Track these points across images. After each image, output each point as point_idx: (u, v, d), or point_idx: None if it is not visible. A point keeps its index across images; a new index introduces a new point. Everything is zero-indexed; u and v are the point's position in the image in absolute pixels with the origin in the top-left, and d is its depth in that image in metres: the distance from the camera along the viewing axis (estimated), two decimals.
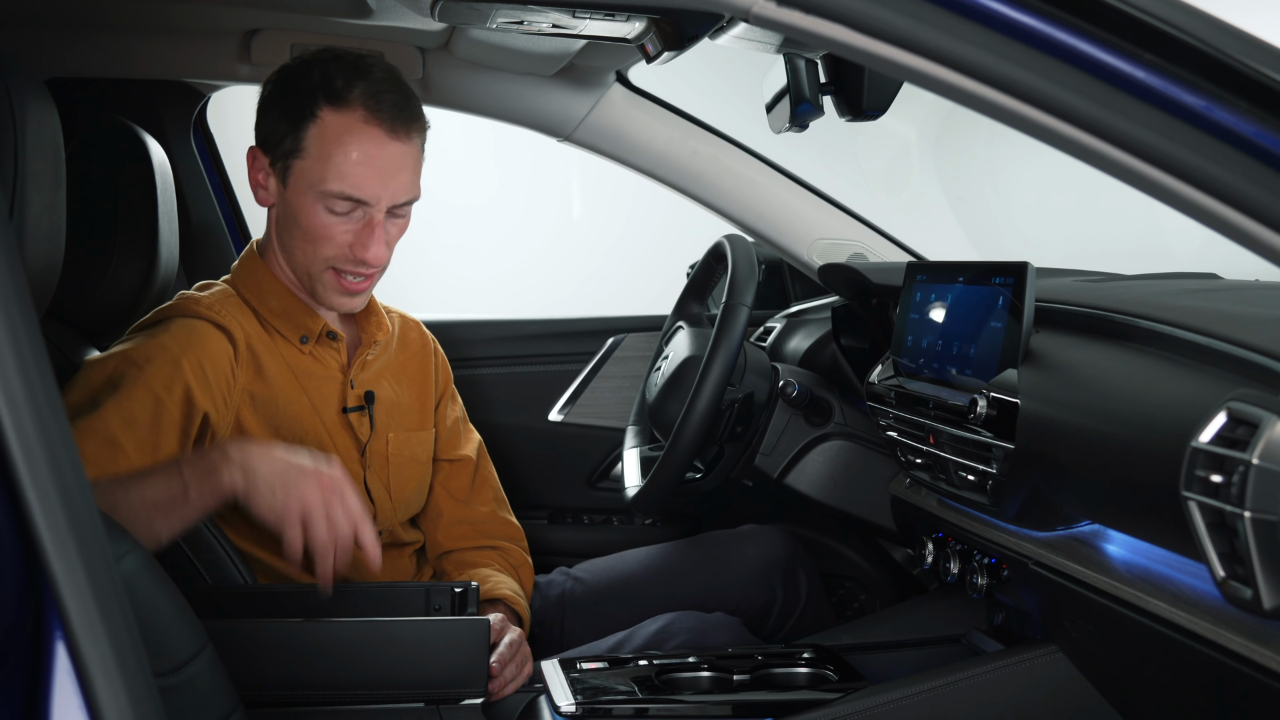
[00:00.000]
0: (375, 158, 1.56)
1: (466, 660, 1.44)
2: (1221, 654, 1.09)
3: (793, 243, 2.32)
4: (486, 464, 1.95)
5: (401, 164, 1.58)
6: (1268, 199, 0.86)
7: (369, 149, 1.55)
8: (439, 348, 1.92)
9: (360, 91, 1.55)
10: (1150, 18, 0.87)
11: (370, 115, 1.55)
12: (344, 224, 1.59)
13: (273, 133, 1.60)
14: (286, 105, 1.58)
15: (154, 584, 1.16)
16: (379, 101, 1.56)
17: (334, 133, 1.55)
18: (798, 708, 1.48)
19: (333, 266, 1.62)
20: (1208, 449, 0.95)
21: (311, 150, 1.56)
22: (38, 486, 0.72)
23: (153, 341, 1.55)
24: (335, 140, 1.55)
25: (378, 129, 1.55)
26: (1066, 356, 1.34)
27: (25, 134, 1.09)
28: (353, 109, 1.55)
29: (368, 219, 1.59)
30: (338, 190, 1.56)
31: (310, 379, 1.68)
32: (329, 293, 1.64)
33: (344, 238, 1.59)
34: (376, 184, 1.56)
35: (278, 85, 1.61)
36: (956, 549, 1.64)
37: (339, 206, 1.57)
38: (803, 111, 1.55)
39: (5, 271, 0.74)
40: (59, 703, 0.73)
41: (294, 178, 1.59)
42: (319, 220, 1.58)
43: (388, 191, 1.58)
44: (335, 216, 1.58)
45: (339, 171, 1.55)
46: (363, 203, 1.57)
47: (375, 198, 1.57)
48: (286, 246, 1.65)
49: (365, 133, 1.55)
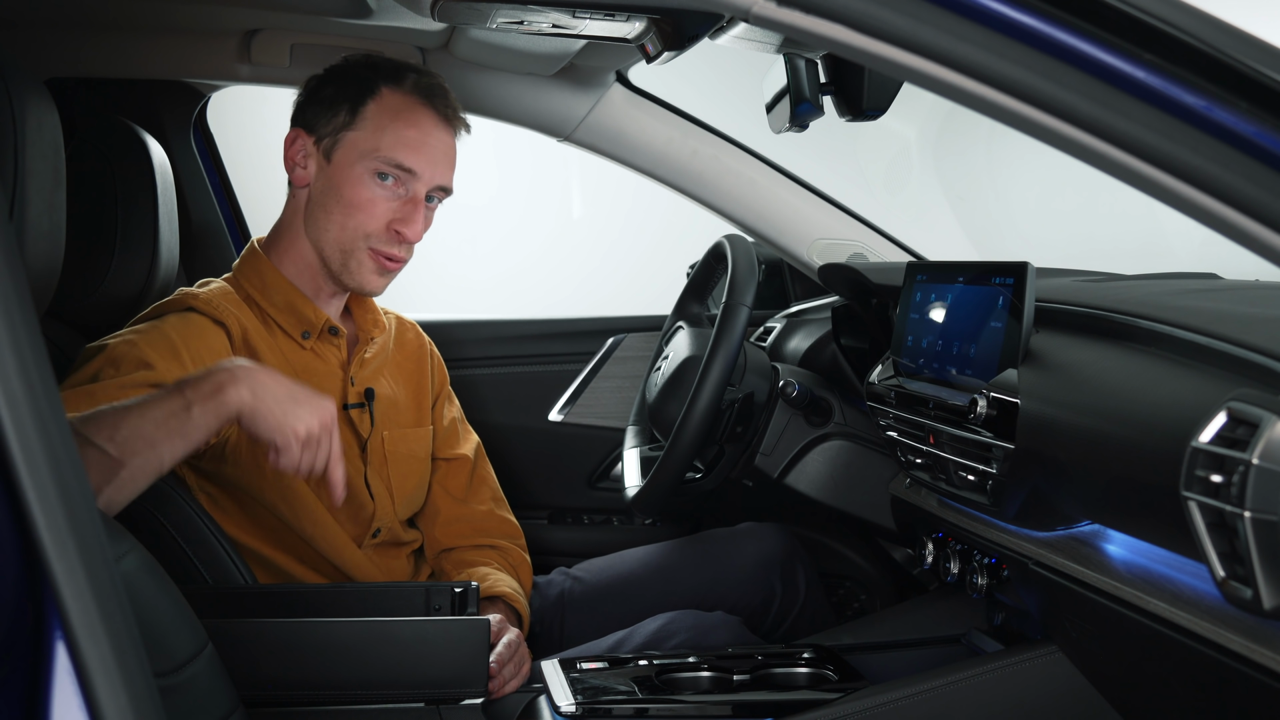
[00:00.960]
0: (429, 135, 1.67)
1: (466, 660, 1.44)
2: (1221, 654, 1.09)
3: (793, 243, 2.32)
4: (484, 464, 1.95)
5: (447, 149, 1.71)
6: (1268, 199, 0.86)
7: (425, 126, 1.67)
8: (435, 349, 1.93)
9: (415, 80, 1.69)
10: (1150, 18, 0.87)
11: (426, 101, 1.68)
12: (388, 199, 1.66)
13: (322, 113, 1.68)
14: (343, 85, 1.68)
15: (154, 584, 1.16)
16: (432, 91, 1.69)
17: (393, 107, 1.66)
18: (798, 708, 1.48)
19: (370, 246, 1.66)
20: (1208, 449, 0.95)
21: (369, 122, 1.66)
22: (38, 486, 0.72)
23: (154, 331, 1.56)
24: (394, 114, 1.66)
25: (433, 112, 1.69)
26: (1066, 356, 1.34)
27: (25, 134, 1.09)
28: (410, 92, 1.68)
29: (411, 195, 1.67)
30: (391, 157, 1.64)
31: (310, 375, 1.68)
32: (363, 270, 1.68)
33: (385, 214, 1.66)
34: (425, 160, 1.66)
35: (329, 74, 1.71)
36: (956, 549, 1.64)
37: (389, 176, 1.65)
38: (803, 111, 1.55)
39: (5, 271, 0.74)
40: (59, 703, 0.73)
41: (343, 149, 1.66)
42: (365, 192, 1.65)
43: (434, 170, 1.68)
44: (381, 190, 1.65)
45: (395, 140, 1.64)
46: (411, 173, 1.66)
47: (424, 172, 1.67)
48: (320, 225, 1.67)
49: (422, 112, 1.68)
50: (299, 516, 1.66)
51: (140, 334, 1.54)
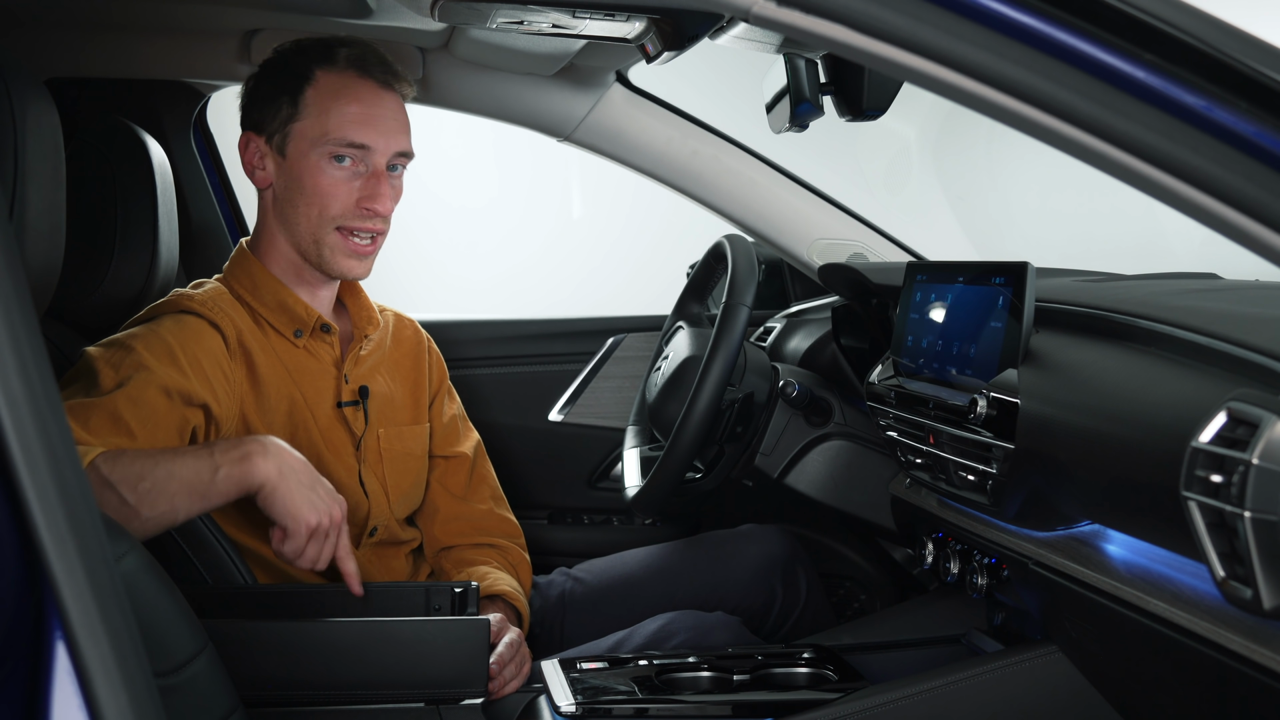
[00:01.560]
0: (372, 106, 1.65)
1: (466, 660, 1.44)
2: (1221, 654, 1.09)
3: (793, 243, 2.32)
4: (484, 462, 1.95)
5: (395, 114, 1.68)
6: (1268, 199, 0.86)
7: (367, 99, 1.65)
8: (433, 345, 1.92)
9: (346, 54, 1.67)
10: (1150, 18, 0.87)
11: (361, 72, 1.66)
12: (348, 179, 1.65)
13: (265, 110, 1.67)
14: (279, 80, 1.67)
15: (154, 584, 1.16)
16: (365, 59, 1.67)
17: (330, 89, 1.64)
18: (798, 708, 1.48)
19: (339, 226, 1.66)
20: (1208, 449, 0.95)
21: (311, 109, 1.64)
22: (38, 486, 0.72)
23: (150, 334, 1.55)
24: (333, 95, 1.64)
25: (370, 81, 1.66)
26: (1066, 356, 1.34)
27: (25, 134, 1.09)
28: (343, 69, 1.66)
29: (371, 169, 1.66)
30: (341, 137, 1.63)
31: (304, 374, 1.68)
32: (336, 256, 1.67)
33: (349, 194, 1.65)
34: (375, 131, 1.65)
35: (264, 71, 1.70)
36: (956, 549, 1.64)
37: (344, 155, 1.64)
38: (803, 111, 1.55)
39: (5, 271, 0.74)
40: (59, 703, 0.73)
41: (294, 141, 1.65)
42: (324, 178, 1.64)
43: (387, 140, 1.65)
44: (340, 171, 1.65)
45: (340, 120, 1.63)
46: (365, 148, 1.64)
47: (377, 144, 1.65)
48: (289, 219, 1.67)
49: (359, 84, 1.66)
50: None
51: (137, 338, 1.54)
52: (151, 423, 1.47)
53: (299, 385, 1.67)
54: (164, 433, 1.49)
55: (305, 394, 1.67)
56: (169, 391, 1.50)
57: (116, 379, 1.48)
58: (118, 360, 1.50)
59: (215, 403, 1.55)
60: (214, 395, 1.55)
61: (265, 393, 1.63)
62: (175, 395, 1.50)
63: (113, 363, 1.50)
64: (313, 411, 1.67)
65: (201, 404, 1.53)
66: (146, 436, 1.46)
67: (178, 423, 1.51)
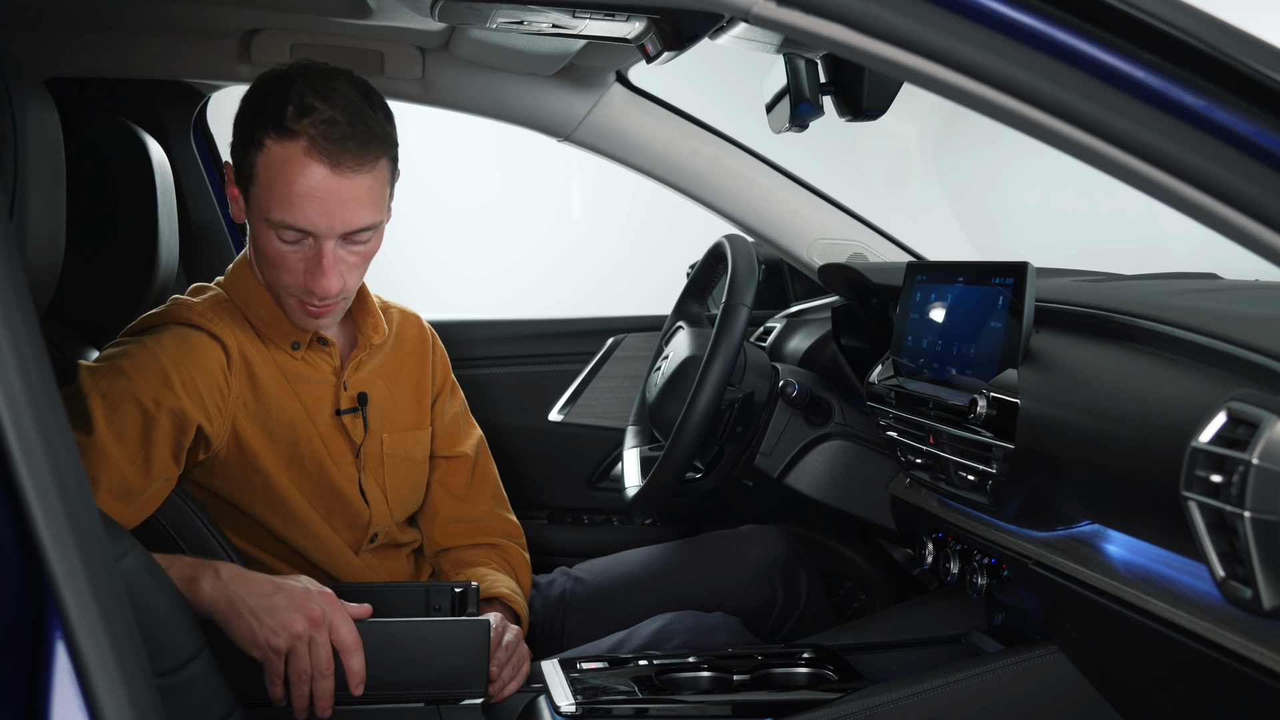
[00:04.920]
0: (318, 190, 1.50)
1: (466, 661, 1.44)
2: (1221, 654, 1.09)
3: (793, 243, 2.32)
4: (486, 462, 1.94)
5: (347, 197, 1.51)
6: (1268, 199, 0.86)
7: (311, 182, 1.50)
8: (438, 341, 1.91)
9: (309, 122, 1.49)
10: (1150, 18, 0.87)
11: (313, 148, 1.49)
12: (296, 253, 1.55)
13: (235, 153, 1.58)
14: (244, 128, 1.55)
15: (154, 584, 1.16)
16: (329, 133, 1.49)
17: (278, 164, 1.50)
18: (798, 708, 1.48)
19: (293, 295, 1.60)
20: (1208, 449, 0.95)
21: (259, 178, 1.53)
22: (38, 486, 0.72)
23: (144, 352, 1.54)
24: (279, 171, 1.50)
25: (320, 164, 1.49)
26: (1066, 356, 1.34)
27: (25, 134, 1.09)
28: (296, 140, 1.49)
29: (317, 249, 1.54)
30: (279, 220, 1.52)
31: (303, 383, 1.67)
32: (294, 315, 1.63)
33: (297, 266, 1.56)
34: (319, 216, 1.51)
35: (245, 103, 1.58)
36: (956, 549, 1.64)
37: (287, 235, 1.54)
38: (803, 111, 1.55)
39: (5, 271, 0.74)
40: (59, 703, 0.73)
41: (251, 203, 1.57)
42: (273, 247, 1.56)
43: (334, 222, 1.52)
44: (286, 245, 1.54)
45: (281, 201, 1.51)
46: (308, 233, 1.53)
47: (319, 229, 1.52)
48: (257, 265, 1.64)
49: (306, 166, 1.49)
50: (292, 529, 1.65)
51: (130, 358, 1.53)
52: (139, 452, 1.49)
53: (298, 394, 1.66)
54: (158, 455, 1.50)
55: (305, 403, 1.67)
56: (158, 415, 1.50)
57: (105, 406, 1.49)
58: (109, 391, 1.50)
59: (207, 422, 1.56)
60: (206, 415, 1.55)
61: (267, 403, 1.63)
62: (164, 417, 1.51)
63: (101, 389, 1.50)
64: (313, 420, 1.67)
65: (193, 423, 1.54)
66: (135, 464, 1.48)
67: (169, 444, 1.52)
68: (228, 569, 1.38)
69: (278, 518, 1.64)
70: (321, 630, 1.36)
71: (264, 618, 1.34)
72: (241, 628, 1.34)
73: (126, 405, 1.49)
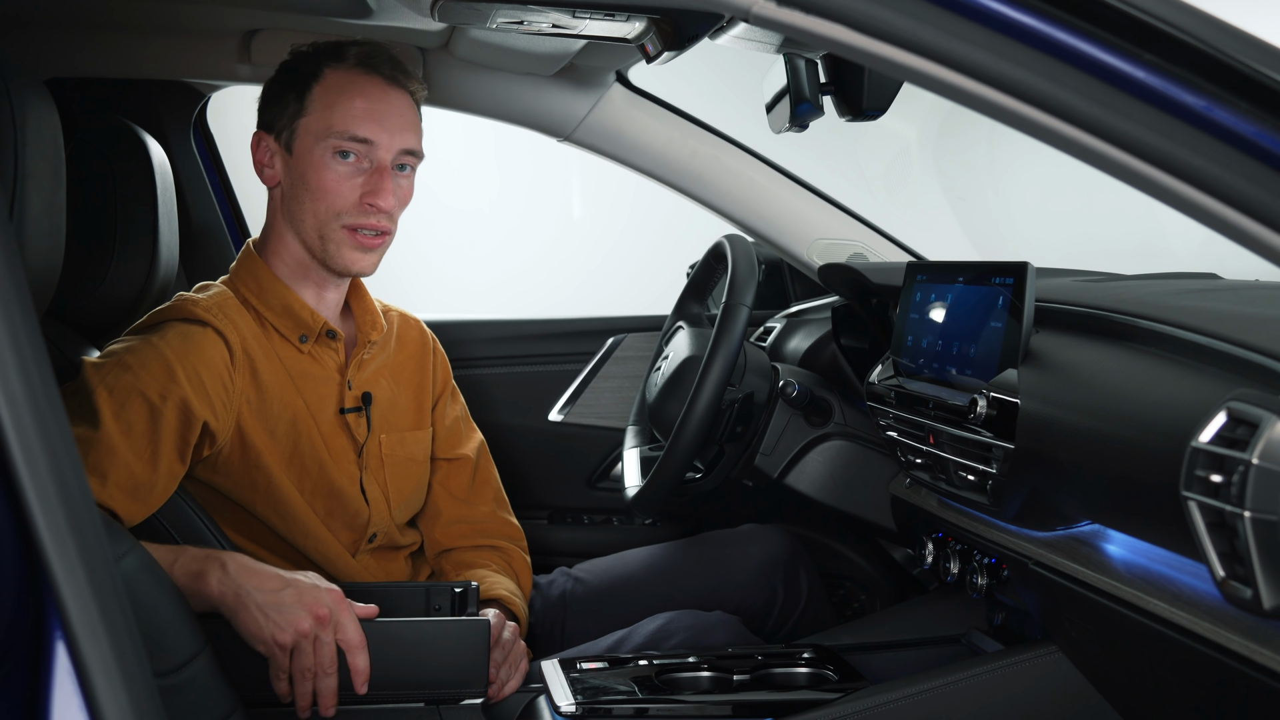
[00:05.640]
0: (378, 102, 1.64)
1: (466, 660, 1.44)
2: (1221, 654, 1.09)
3: (793, 243, 2.32)
4: (488, 465, 1.94)
5: (402, 111, 1.67)
6: (1268, 199, 0.86)
7: (371, 93, 1.64)
8: (439, 345, 1.92)
9: (356, 51, 1.66)
10: (1150, 18, 0.87)
11: (367, 69, 1.66)
12: (354, 175, 1.64)
13: (276, 107, 1.68)
14: (290, 79, 1.68)
15: (154, 584, 1.16)
16: (375, 57, 1.66)
17: (336, 84, 1.64)
18: (798, 708, 1.48)
19: (344, 224, 1.65)
20: (1208, 449, 0.95)
21: (317, 104, 1.64)
22: (38, 486, 0.72)
23: (148, 348, 1.55)
24: (339, 90, 1.64)
25: (376, 77, 1.66)
26: (1066, 356, 1.34)
27: (25, 134, 1.09)
28: (350, 65, 1.65)
29: (376, 166, 1.65)
30: (345, 130, 1.62)
31: (307, 380, 1.68)
32: (343, 250, 1.66)
33: (354, 190, 1.64)
34: (380, 127, 1.64)
35: (280, 70, 1.71)
36: (956, 549, 1.64)
37: (349, 149, 1.63)
38: (803, 111, 1.55)
39: (5, 271, 0.74)
40: (59, 703, 0.73)
41: (300, 138, 1.65)
42: (329, 174, 1.64)
43: (392, 136, 1.64)
44: (345, 167, 1.64)
45: (345, 115, 1.63)
46: (369, 143, 1.63)
47: (381, 139, 1.64)
48: (295, 216, 1.67)
49: (365, 80, 1.65)
50: (292, 528, 1.66)
51: (135, 354, 1.54)
52: (146, 447, 1.49)
53: (302, 392, 1.67)
54: (164, 450, 1.51)
55: (308, 401, 1.67)
56: (164, 409, 1.50)
57: (111, 401, 1.49)
58: (112, 382, 1.51)
59: (212, 417, 1.56)
60: (211, 411, 1.56)
61: (268, 400, 1.63)
62: (170, 411, 1.51)
63: (108, 385, 1.50)
64: (315, 419, 1.67)
65: (199, 419, 1.54)
66: (142, 460, 1.48)
67: (175, 439, 1.52)
68: (235, 561, 1.38)
69: (278, 517, 1.64)
70: (327, 629, 1.36)
71: (271, 613, 1.35)
72: (249, 622, 1.35)
73: (133, 401, 1.49)
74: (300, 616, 1.35)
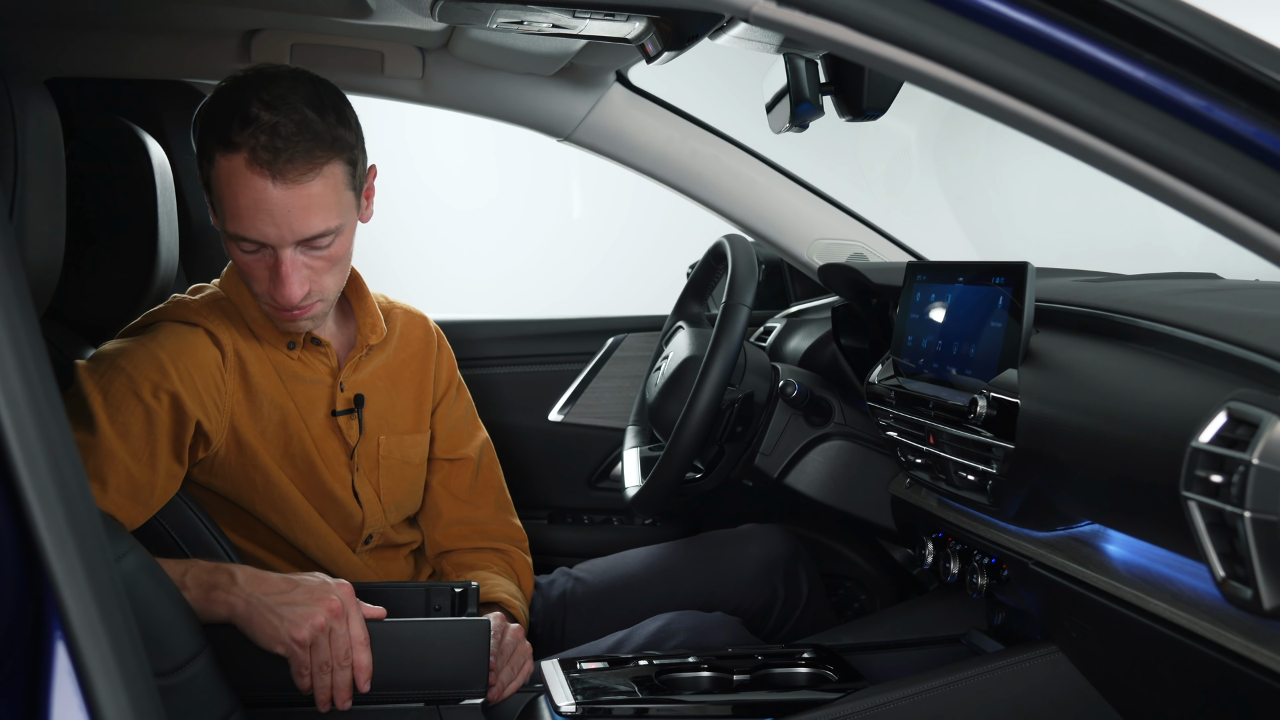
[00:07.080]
0: (263, 202, 1.49)
1: (466, 661, 1.44)
2: (1221, 654, 1.09)
3: (793, 243, 2.32)
4: (491, 465, 1.93)
5: (294, 205, 1.49)
6: (1268, 199, 0.86)
7: (256, 195, 1.48)
8: (445, 342, 1.90)
9: (250, 133, 1.47)
10: (1150, 18, 0.87)
11: (254, 160, 1.47)
12: (258, 262, 1.54)
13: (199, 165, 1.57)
14: (200, 142, 1.55)
15: (154, 584, 1.16)
16: (270, 144, 1.47)
17: (224, 178, 1.50)
18: (798, 708, 1.48)
19: (265, 304, 1.59)
20: (1208, 449, 0.95)
21: (213, 192, 1.54)
22: (38, 486, 0.72)
23: (141, 348, 1.55)
24: (226, 185, 1.50)
25: (262, 176, 1.48)
26: (1066, 356, 1.34)
27: (25, 134, 1.10)
28: (239, 153, 1.48)
29: (275, 258, 1.53)
30: (234, 233, 1.52)
31: (298, 383, 1.67)
32: (274, 320, 1.62)
33: (262, 275, 1.55)
34: (268, 226, 1.50)
35: (198, 116, 1.57)
36: (956, 549, 1.64)
37: (245, 247, 1.53)
38: (803, 111, 1.55)
39: (5, 271, 0.74)
40: (59, 703, 0.73)
41: (213, 212, 1.58)
42: (239, 258, 1.56)
43: (284, 232, 1.50)
44: (248, 255, 1.54)
45: (231, 214, 1.51)
46: (262, 244, 1.52)
47: (271, 239, 1.51)
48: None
49: (249, 179, 1.48)
50: (292, 526, 1.66)
51: (127, 355, 1.54)
52: (144, 449, 1.49)
53: (292, 394, 1.66)
54: (161, 450, 1.51)
55: (298, 403, 1.66)
56: (158, 410, 1.50)
57: (106, 404, 1.49)
58: (106, 386, 1.51)
59: (205, 418, 1.56)
60: (204, 411, 1.56)
61: (259, 402, 1.63)
62: (165, 409, 1.51)
63: (102, 388, 1.50)
64: (306, 421, 1.67)
65: (192, 418, 1.54)
66: (140, 461, 1.49)
67: (170, 440, 1.52)
68: (243, 572, 1.39)
69: (278, 516, 1.64)
70: (341, 621, 1.38)
71: (284, 613, 1.36)
72: (264, 626, 1.35)
73: (128, 403, 1.50)
74: (315, 611, 1.36)
